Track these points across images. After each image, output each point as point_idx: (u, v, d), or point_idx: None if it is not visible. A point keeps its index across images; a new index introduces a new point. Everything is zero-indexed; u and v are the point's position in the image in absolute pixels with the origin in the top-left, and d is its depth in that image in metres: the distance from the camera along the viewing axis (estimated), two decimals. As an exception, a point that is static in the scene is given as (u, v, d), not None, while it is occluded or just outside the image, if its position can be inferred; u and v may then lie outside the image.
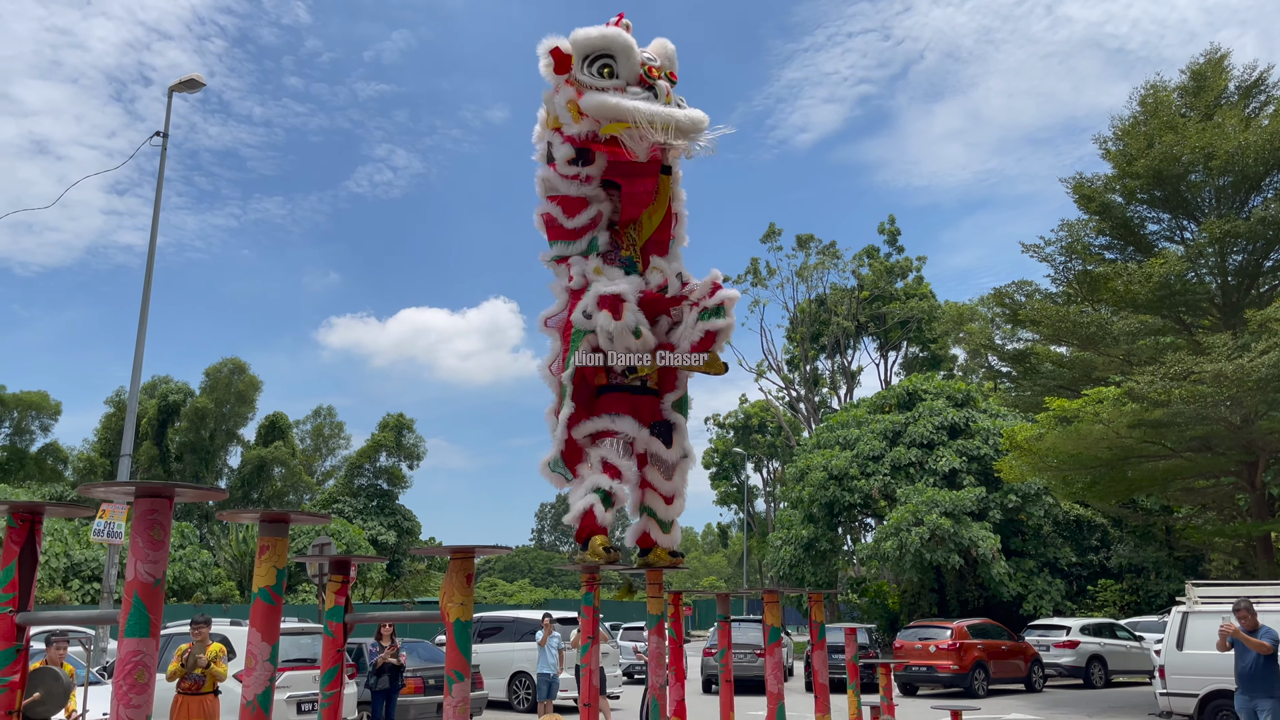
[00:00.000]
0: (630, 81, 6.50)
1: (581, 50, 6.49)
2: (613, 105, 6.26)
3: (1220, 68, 23.04)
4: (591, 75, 6.46)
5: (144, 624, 2.81)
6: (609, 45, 6.49)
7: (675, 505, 6.66)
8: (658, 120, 6.22)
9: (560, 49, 6.51)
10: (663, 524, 6.62)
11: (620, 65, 6.50)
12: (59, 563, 37.86)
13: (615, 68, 6.50)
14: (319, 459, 69.52)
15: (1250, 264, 22.51)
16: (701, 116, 6.40)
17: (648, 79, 6.55)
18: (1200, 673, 14.39)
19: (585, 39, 6.48)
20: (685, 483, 6.80)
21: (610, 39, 6.49)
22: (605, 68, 6.49)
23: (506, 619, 21.12)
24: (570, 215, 6.71)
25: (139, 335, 16.13)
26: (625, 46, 6.50)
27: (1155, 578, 31.16)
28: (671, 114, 6.30)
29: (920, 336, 51.58)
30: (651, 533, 6.63)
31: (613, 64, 6.50)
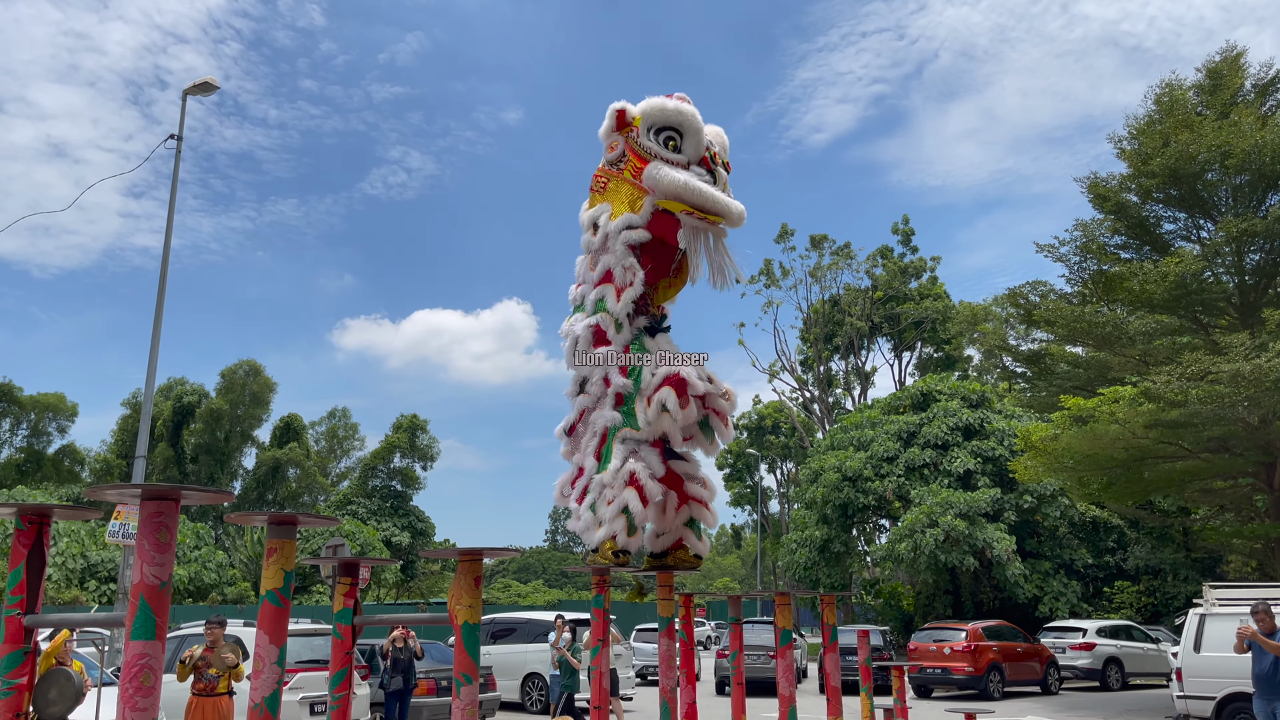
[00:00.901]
0: (693, 160, 6.60)
1: (651, 119, 6.59)
2: (682, 183, 6.35)
3: (1237, 66, 22.85)
4: (657, 144, 6.55)
5: (150, 627, 2.80)
6: (681, 122, 6.58)
7: (714, 513, 6.76)
8: (720, 207, 6.37)
9: (625, 112, 6.62)
10: (698, 533, 6.74)
11: (686, 143, 6.59)
12: (76, 564, 38.09)
13: (680, 144, 6.59)
14: (333, 460, 69.78)
15: (1268, 263, 22.31)
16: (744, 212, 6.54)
17: (710, 163, 6.64)
18: (1218, 675, 14.28)
19: (659, 109, 6.58)
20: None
21: (684, 115, 6.57)
22: (670, 140, 6.59)
23: (520, 620, 21.14)
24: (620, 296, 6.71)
25: (154, 337, 16.22)
26: (696, 127, 6.59)
27: (1172, 579, 30.92)
28: (729, 204, 6.44)
29: (934, 337, 51.36)
30: (686, 539, 6.70)
31: (678, 140, 6.59)
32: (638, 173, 6.56)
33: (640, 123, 6.63)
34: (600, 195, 6.90)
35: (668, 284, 7.00)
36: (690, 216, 6.44)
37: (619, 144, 6.71)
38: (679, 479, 6.63)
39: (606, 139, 6.80)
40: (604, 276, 6.69)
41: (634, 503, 6.10)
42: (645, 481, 6.17)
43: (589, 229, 6.87)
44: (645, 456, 6.34)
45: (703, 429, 6.55)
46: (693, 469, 6.68)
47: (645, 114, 6.63)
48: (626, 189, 6.69)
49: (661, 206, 6.51)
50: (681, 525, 6.67)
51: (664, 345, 6.66)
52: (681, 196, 6.36)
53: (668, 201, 6.45)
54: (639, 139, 6.60)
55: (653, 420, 6.26)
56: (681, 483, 6.64)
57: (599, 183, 6.96)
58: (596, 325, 6.63)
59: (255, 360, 62.61)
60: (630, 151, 6.64)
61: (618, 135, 6.70)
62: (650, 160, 6.51)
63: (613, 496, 6.17)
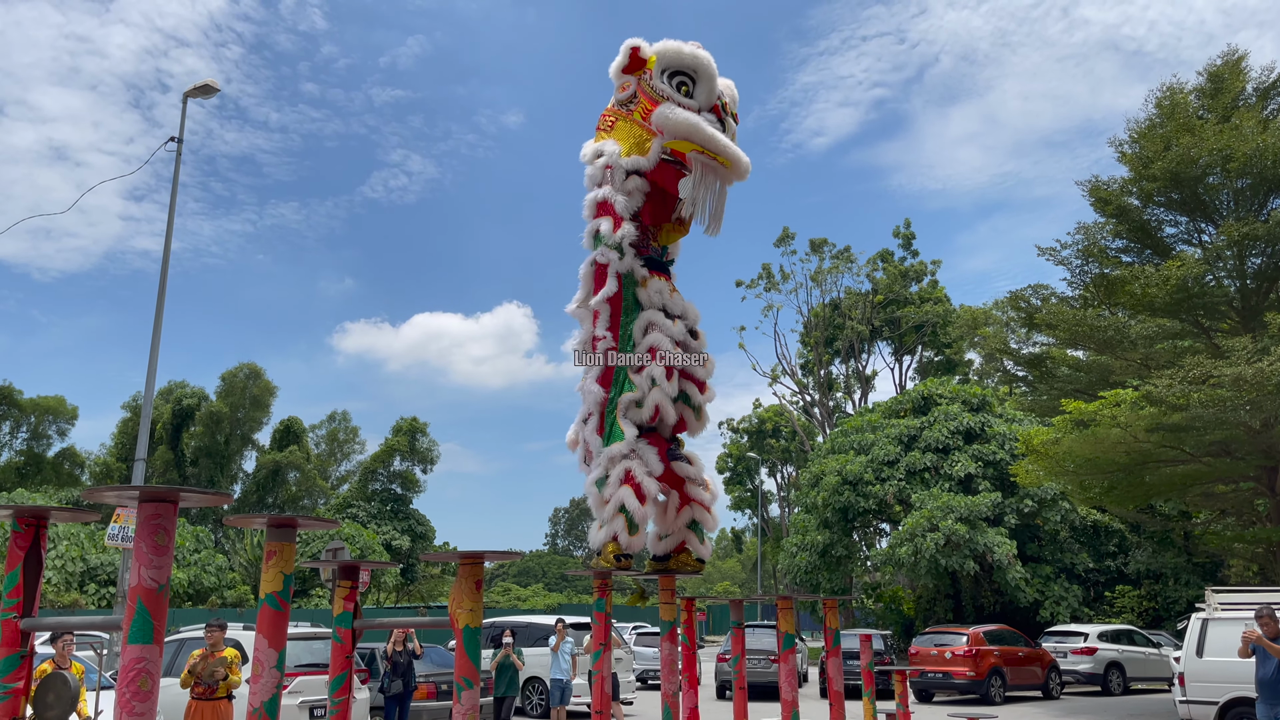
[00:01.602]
0: (704, 107, 6.64)
1: (667, 61, 6.60)
2: (694, 124, 6.35)
3: (1238, 69, 22.83)
4: (670, 87, 6.56)
5: (148, 630, 2.77)
6: (696, 67, 6.59)
7: (715, 516, 6.74)
8: (729, 153, 6.38)
9: (639, 50, 6.59)
10: (702, 536, 6.71)
11: (699, 89, 6.61)
12: (75, 567, 38.05)
13: (693, 89, 6.61)
14: (333, 463, 69.74)
15: (1269, 267, 22.28)
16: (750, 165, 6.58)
17: (721, 111, 6.62)
18: (1221, 680, 14.23)
19: (675, 51, 6.60)
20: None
21: (700, 60, 6.59)
22: (683, 85, 6.61)
23: (520, 624, 21.09)
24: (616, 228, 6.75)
25: (154, 340, 16.19)
26: (710, 74, 6.62)
27: (1174, 584, 30.86)
28: (739, 154, 6.48)
29: (935, 340, 51.34)
30: (689, 543, 6.67)
31: (690, 85, 6.62)
32: (647, 114, 6.58)
33: (654, 64, 6.63)
34: (607, 134, 6.91)
35: (670, 228, 7.03)
36: (700, 155, 6.42)
37: (631, 85, 6.74)
38: (680, 480, 6.59)
39: (618, 78, 6.82)
40: (600, 208, 6.67)
41: (630, 500, 6.06)
42: (641, 479, 6.14)
43: (593, 159, 6.84)
44: (644, 454, 6.30)
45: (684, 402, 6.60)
46: (695, 471, 6.65)
47: (660, 55, 6.63)
48: (635, 130, 6.72)
49: (670, 148, 6.52)
50: (684, 528, 6.64)
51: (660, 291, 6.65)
52: (691, 137, 6.36)
53: (677, 142, 6.44)
54: (651, 81, 6.61)
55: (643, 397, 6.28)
56: (683, 484, 6.61)
57: (606, 122, 6.97)
58: (595, 261, 6.62)
59: (255, 363, 62.68)
60: (641, 93, 6.66)
61: (629, 77, 6.71)
62: (661, 102, 6.51)
63: (610, 495, 6.14)
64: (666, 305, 6.68)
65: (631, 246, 6.59)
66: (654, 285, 6.73)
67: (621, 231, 6.53)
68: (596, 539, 6.20)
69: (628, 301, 6.58)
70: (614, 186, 6.61)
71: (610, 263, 6.54)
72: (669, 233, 7.08)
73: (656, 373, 6.30)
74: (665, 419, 6.46)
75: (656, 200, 6.80)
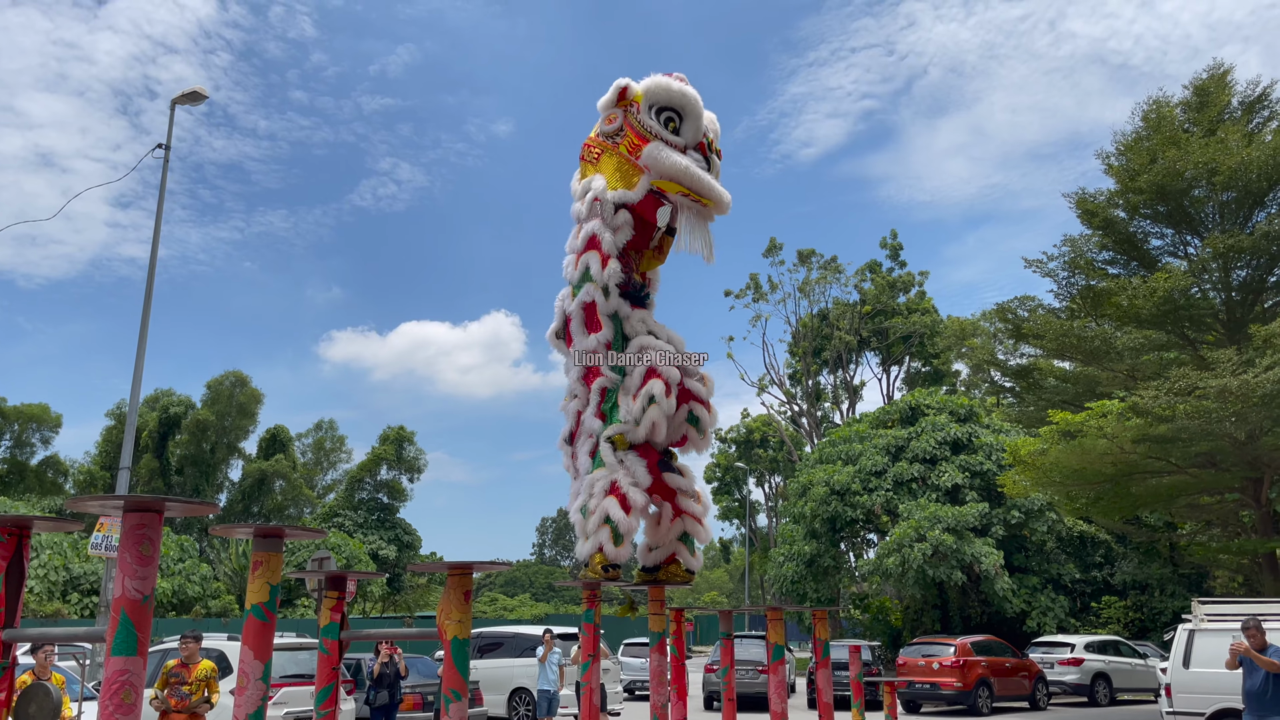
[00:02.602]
0: (690, 145, 6.77)
1: (654, 98, 6.72)
2: (683, 168, 6.50)
3: (1223, 83, 23.01)
4: (658, 124, 6.68)
5: (131, 642, 2.73)
6: (684, 105, 6.73)
7: (707, 528, 6.73)
8: (715, 195, 6.56)
9: (628, 90, 6.67)
10: (692, 548, 6.71)
11: (686, 126, 6.74)
12: (58, 577, 37.70)
13: (680, 126, 6.74)
14: (320, 472, 69.38)
15: (1254, 279, 22.44)
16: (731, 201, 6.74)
17: (706, 150, 6.79)
18: (1207, 691, 14.24)
19: (664, 88, 6.72)
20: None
21: (687, 99, 6.73)
22: (670, 121, 6.74)
23: (507, 634, 20.98)
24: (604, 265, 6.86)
25: (139, 347, 16.08)
26: (697, 112, 6.76)
27: (1159, 595, 30.97)
28: (721, 193, 6.65)
29: (923, 351, 51.49)
30: (680, 555, 6.66)
31: (677, 121, 6.73)
32: (634, 149, 6.68)
33: (642, 100, 6.72)
34: (593, 166, 6.98)
35: (650, 255, 7.16)
36: (685, 198, 6.60)
37: (618, 118, 6.82)
38: (672, 492, 6.57)
39: (605, 110, 6.89)
40: (589, 243, 6.71)
41: (615, 510, 6.04)
42: (626, 489, 6.12)
43: (580, 198, 6.90)
44: (631, 466, 6.28)
45: (690, 422, 6.58)
46: (686, 484, 6.65)
47: (648, 92, 6.73)
48: (619, 162, 6.80)
49: (657, 186, 6.64)
50: (675, 540, 6.62)
51: (644, 320, 6.71)
52: (680, 180, 6.50)
53: (664, 182, 6.59)
54: (639, 116, 6.70)
55: (640, 416, 6.26)
56: (675, 495, 6.59)
57: (591, 153, 7.00)
58: (585, 302, 6.66)
59: (242, 371, 62.29)
60: (629, 128, 6.75)
61: (617, 109, 6.80)
62: (650, 139, 6.62)
63: (595, 506, 6.13)
64: (653, 331, 6.72)
65: (617, 287, 6.69)
66: (636, 316, 6.83)
67: (609, 270, 6.60)
68: (583, 550, 6.18)
69: (616, 341, 6.67)
70: (603, 221, 6.66)
71: (598, 302, 6.58)
72: (649, 260, 7.19)
73: (656, 390, 6.30)
74: (657, 437, 6.47)
75: (638, 229, 6.89)
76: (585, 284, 6.65)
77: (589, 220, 6.73)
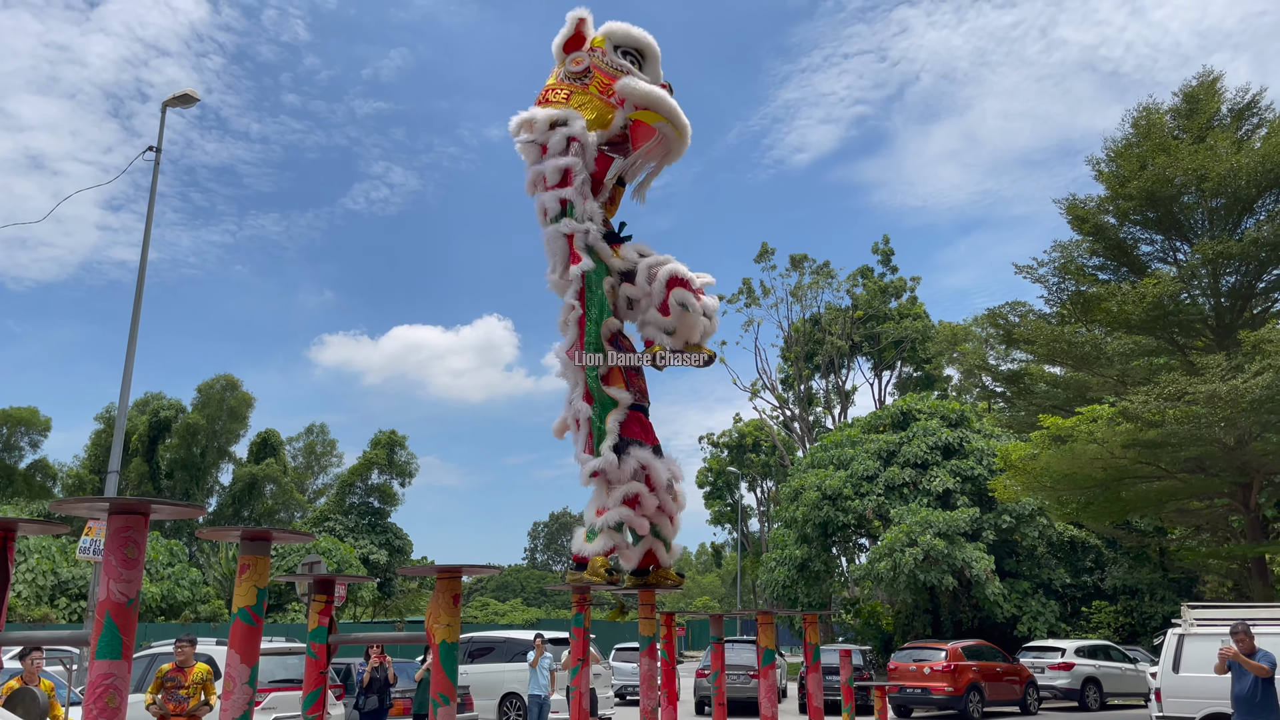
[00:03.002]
0: (654, 84, 7.00)
1: (618, 39, 7.01)
2: (659, 95, 6.78)
3: (1213, 90, 23.13)
4: (626, 63, 6.98)
5: (116, 645, 2.71)
6: (644, 46, 7.08)
7: (677, 524, 6.73)
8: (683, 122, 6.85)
9: (585, 23, 6.92)
10: (668, 545, 6.67)
11: (647, 67, 7.07)
12: (46, 580, 37.52)
13: (643, 66, 7.04)
14: (311, 476, 69.18)
15: (1243, 285, 22.54)
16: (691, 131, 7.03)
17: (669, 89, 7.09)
18: (1197, 696, 14.28)
19: (625, 31, 7.04)
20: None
21: (648, 41, 7.11)
22: (634, 63, 7.03)
23: (498, 639, 20.93)
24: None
25: (129, 351, 16.01)
26: (656, 53, 7.12)
27: (1149, 599, 31.05)
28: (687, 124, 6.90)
29: (914, 356, 51.59)
30: (658, 553, 6.64)
31: (639, 62, 7.03)
32: (604, 87, 6.89)
33: (605, 43, 6.98)
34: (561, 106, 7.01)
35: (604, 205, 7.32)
36: (665, 125, 6.84)
37: (584, 59, 7.02)
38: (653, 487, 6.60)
39: (565, 52, 7.02)
40: (564, 178, 6.75)
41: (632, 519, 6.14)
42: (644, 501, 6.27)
43: (548, 127, 6.90)
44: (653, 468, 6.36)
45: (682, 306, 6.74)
46: (669, 476, 6.66)
47: (610, 34, 7.00)
48: (595, 103, 6.97)
49: (633, 118, 6.87)
50: (650, 536, 6.61)
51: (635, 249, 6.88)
52: (656, 107, 6.77)
53: (642, 113, 6.82)
54: (606, 57, 6.94)
55: (675, 324, 6.46)
56: (655, 490, 6.60)
57: (560, 94, 7.04)
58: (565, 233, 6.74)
59: (233, 375, 62.07)
60: (596, 68, 6.95)
61: (581, 52, 7.00)
62: (619, 76, 6.85)
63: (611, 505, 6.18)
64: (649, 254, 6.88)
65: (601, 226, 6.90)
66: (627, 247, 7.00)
67: (590, 205, 6.69)
68: (589, 548, 6.17)
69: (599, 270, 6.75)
70: (583, 161, 6.77)
71: (577, 234, 6.64)
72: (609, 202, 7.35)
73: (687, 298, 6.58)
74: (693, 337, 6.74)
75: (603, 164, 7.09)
76: (564, 219, 6.71)
77: (564, 157, 6.77)
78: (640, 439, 6.53)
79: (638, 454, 6.41)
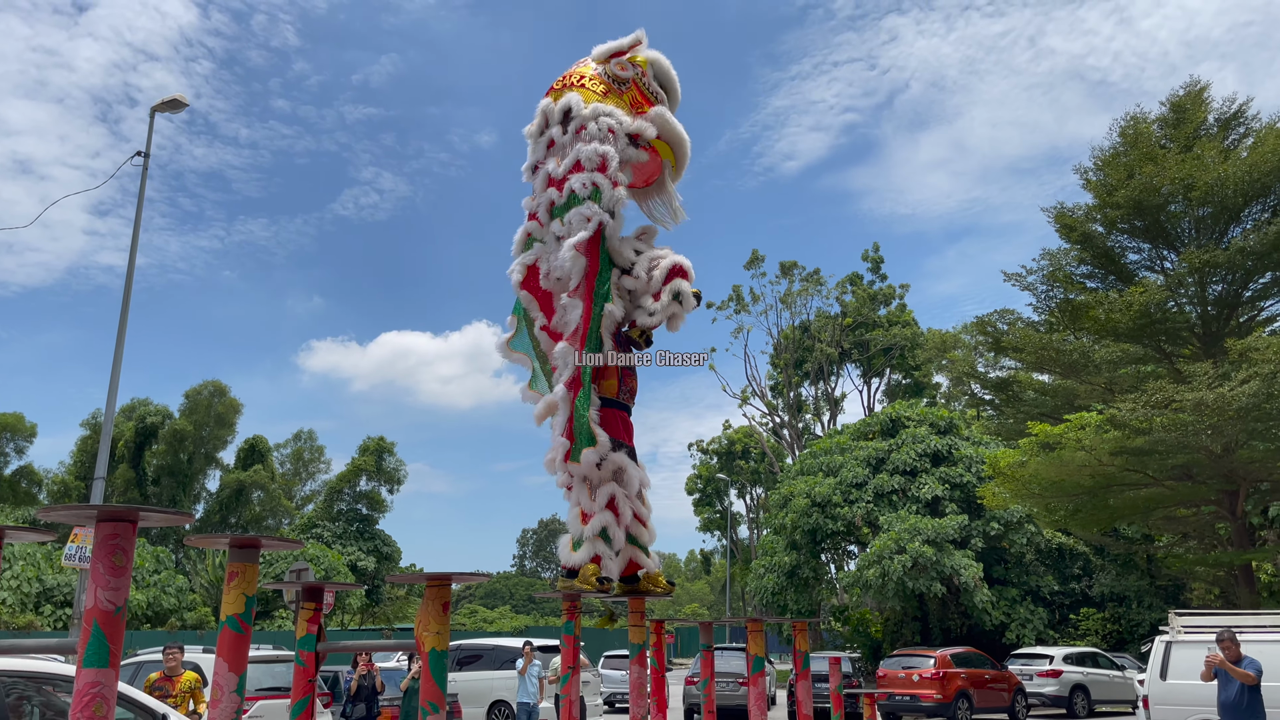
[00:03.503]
0: None
1: (660, 69, 7.41)
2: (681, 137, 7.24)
3: (1200, 100, 23.30)
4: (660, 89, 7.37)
5: (103, 654, 2.68)
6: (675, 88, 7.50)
7: (651, 528, 6.72)
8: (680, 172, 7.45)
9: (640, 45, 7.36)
10: (645, 550, 6.64)
11: (670, 104, 7.43)
12: (31, 587, 37.24)
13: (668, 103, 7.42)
14: (298, 483, 68.88)
15: (1230, 294, 22.68)
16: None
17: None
18: (1185, 703, 14.31)
19: (665, 68, 7.46)
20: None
21: (676, 83, 7.53)
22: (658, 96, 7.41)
23: (486, 646, 20.84)
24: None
25: (116, 356, 15.93)
26: (678, 99, 7.55)
27: (1137, 607, 31.14)
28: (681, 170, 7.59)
29: (903, 364, 51.71)
30: (638, 559, 6.63)
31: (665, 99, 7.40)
32: (636, 104, 7.23)
33: (648, 68, 7.31)
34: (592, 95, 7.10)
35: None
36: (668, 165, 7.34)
37: (629, 71, 7.27)
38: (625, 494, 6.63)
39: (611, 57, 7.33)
40: (601, 164, 6.82)
41: (612, 525, 6.12)
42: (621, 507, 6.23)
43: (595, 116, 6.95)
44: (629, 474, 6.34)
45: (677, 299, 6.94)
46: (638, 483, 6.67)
47: (655, 63, 7.37)
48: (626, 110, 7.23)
49: (654, 145, 7.19)
50: (626, 544, 6.60)
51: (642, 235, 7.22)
52: (678, 149, 7.23)
53: (660, 143, 7.18)
54: (646, 78, 7.28)
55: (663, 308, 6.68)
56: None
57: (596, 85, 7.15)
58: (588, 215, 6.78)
59: (220, 381, 61.77)
60: (636, 85, 7.25)
61: (626, 61, 7.29)
62: (657, 104, 7.24)
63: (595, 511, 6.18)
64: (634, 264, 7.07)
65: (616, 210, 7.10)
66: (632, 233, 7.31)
67: (617, 193, 6.79)
68: (575, 558, 6.16)
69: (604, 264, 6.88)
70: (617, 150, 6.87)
71: (604, 221, 6.77)
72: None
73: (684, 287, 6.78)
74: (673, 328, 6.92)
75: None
76: (590, 203, 6.71)
77: (600, 143, 6.79)
78: (622, 439, 6.54)
79: (615, 457, 6.42)
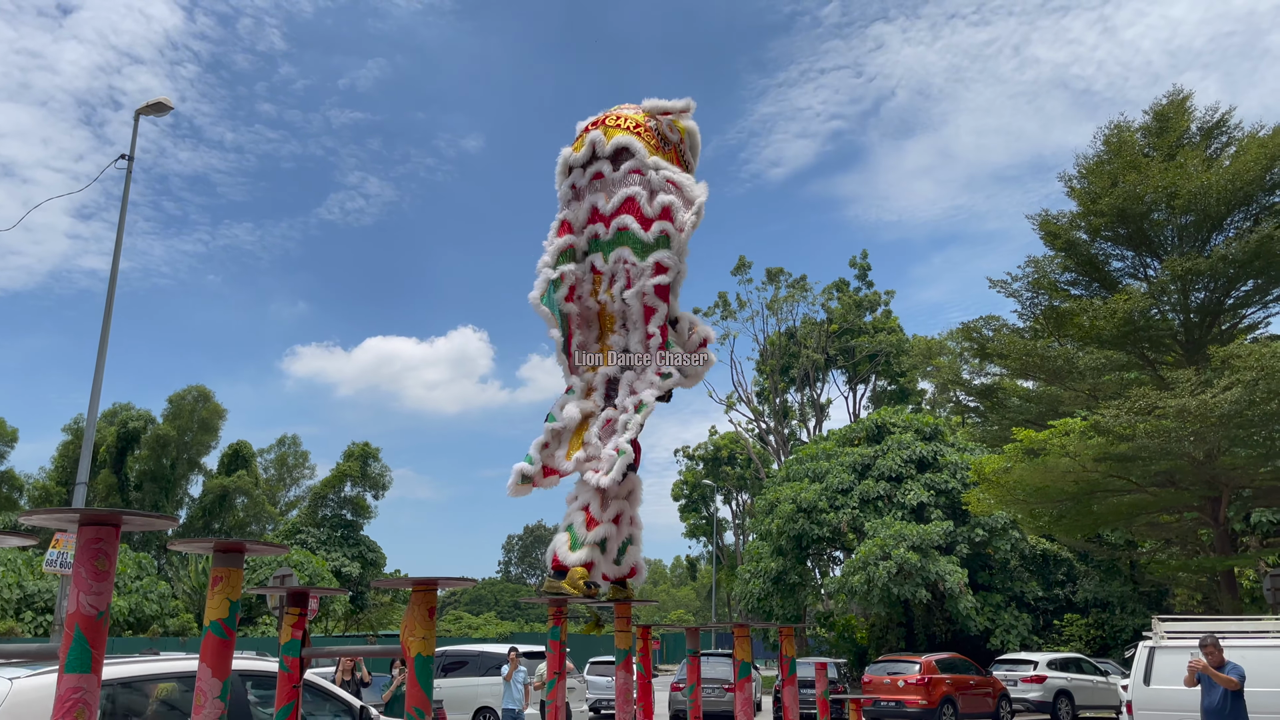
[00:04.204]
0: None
1: (694, 141, 7.41)
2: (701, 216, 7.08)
3: (1183, 109, 23.50)
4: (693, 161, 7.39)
5: (85, 659, 2.66)
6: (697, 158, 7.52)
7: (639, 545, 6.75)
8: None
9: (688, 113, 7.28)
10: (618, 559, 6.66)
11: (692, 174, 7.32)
12: (11, 593, 36.90)
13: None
14: (283, 489, 68.55)
15: (1212, 301, 22.86)
16: None
17: None
18: (1168, 708, 14.39)
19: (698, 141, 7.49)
20: None
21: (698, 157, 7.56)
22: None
23: (471, 653, 20.78)
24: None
25: (98, 361, 15.82)
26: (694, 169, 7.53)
27: (1120, 612, 31.31)
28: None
29: (889, 370, 51.90)
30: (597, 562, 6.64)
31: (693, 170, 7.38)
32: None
33: (686, 136, 7.27)
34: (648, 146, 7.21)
35: None
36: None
37: (676, 137, 7.22)
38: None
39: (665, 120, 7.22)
40: (665, 213, 6.77)
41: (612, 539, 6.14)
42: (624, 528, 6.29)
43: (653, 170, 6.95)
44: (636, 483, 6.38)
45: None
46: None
47: (691, 135, 7.35)
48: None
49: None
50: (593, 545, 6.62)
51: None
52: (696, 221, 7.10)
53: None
54: (683, 145, 7.25)
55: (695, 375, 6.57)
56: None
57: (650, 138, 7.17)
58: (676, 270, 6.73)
59: (204, 386, 61.43)
60: (676, 153, 7.19)
61: (672, 125, 7.23)
62: (689, 174, 7.16)
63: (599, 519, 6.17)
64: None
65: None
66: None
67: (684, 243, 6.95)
68: (572, 557, 6.13)
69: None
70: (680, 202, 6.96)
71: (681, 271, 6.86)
72: None
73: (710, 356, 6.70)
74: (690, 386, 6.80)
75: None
76: (663, 251, 6.73)
77: (669, 195, 6.86)
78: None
79: (633, 476, 6.44)
